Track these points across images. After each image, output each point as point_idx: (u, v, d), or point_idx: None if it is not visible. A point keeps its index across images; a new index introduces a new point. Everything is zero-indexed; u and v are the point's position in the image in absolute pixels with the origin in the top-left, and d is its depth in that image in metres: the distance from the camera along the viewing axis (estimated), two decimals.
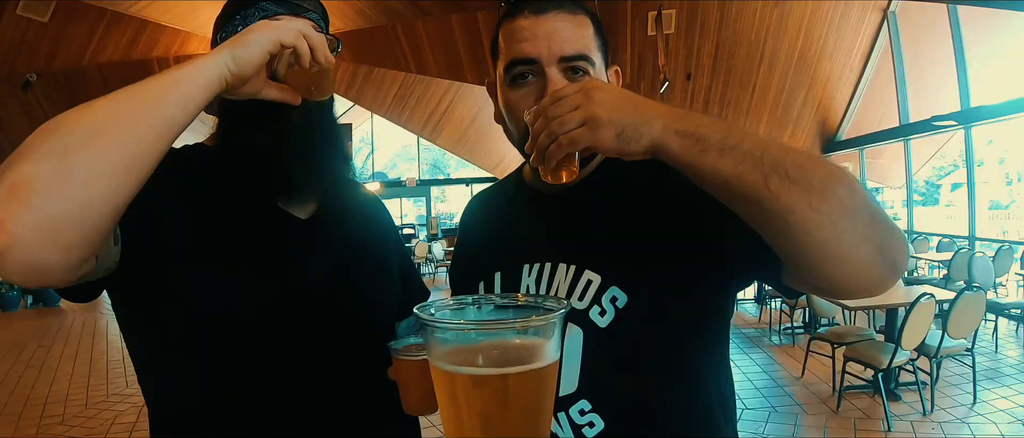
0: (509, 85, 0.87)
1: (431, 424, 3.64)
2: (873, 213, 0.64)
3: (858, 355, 4.01)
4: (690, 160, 0.65)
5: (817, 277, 0.67)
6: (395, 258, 1.09)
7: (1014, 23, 8.43)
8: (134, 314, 0.89)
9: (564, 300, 0.60)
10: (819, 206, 0.62)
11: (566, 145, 0.68)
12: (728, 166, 0.63)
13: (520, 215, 0.99)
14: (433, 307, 0.63)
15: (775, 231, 0.65)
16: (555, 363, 0.59)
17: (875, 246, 0.64)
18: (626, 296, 0.83)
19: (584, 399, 0.84)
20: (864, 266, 0.65)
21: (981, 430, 3.76)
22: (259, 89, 0.79)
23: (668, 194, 0.83)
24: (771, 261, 0.71)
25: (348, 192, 1.05)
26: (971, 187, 8.52)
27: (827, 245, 0.63)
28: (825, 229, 0.62)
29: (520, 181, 1.02)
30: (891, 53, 9.22)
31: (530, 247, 0.92)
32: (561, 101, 0.68)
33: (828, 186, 0.62)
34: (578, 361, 0.85)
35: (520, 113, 0.82)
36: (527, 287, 0.91)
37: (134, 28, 9.84)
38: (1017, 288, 7.75)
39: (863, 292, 0.69)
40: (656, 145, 0.66)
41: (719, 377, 0.90)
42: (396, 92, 13.31)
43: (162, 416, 0.92)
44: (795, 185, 0.62)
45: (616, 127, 0.66)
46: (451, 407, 0.58)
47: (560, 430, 0.85)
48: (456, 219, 19.25)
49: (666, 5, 8.47)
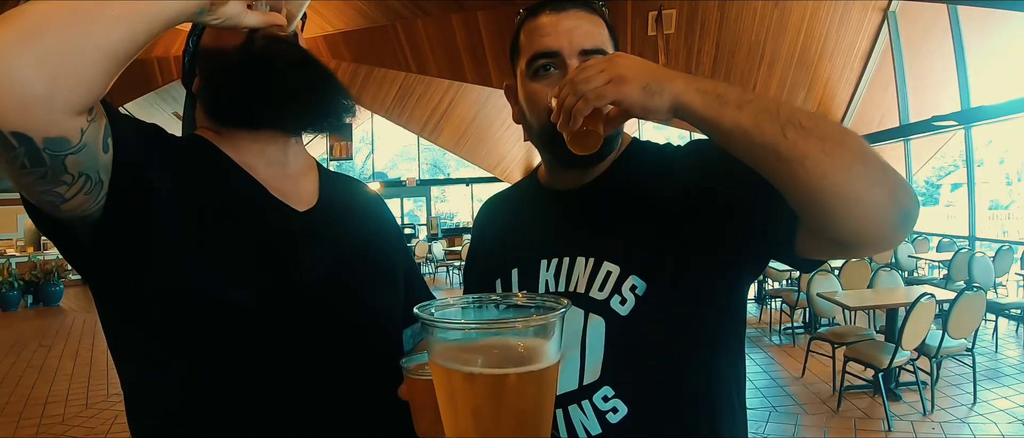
0: (531, 78, 0.91)
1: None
2: (883, 164, 0.68)
3: (858, 355, 4.02)
4: (711, 114, 0.70)
5: (832, 224, 0.69)
6: (399, 259, 1.07)
7: (1014, 23, 8.42)
8: (116, 295, 0.84)
9: (564, 299, 0.60)
10: (833, 152, 0.66)
11: (593, 99, 0.72)
12: (747, 118, 0.68)
13: (536, 213, 1.02)
14: (433, 307, 0.63)
15: (792, 178, 0.68)
16: (556, 363, 0.59)
17: (887, 191, 0.68)
18: (645, 284, 0.85)
19: (607, 386, 0.87)
20: (877, 209, 0.68)
21: (981, 430, 3.76)
22: (239, 13, 0.78)
23: (679, 186, 0.87)
24: (785, 232, 0.76)
25: (350, 188, 1.05)
26: (971, 187, 8.52)
27: (842, 188, 0.66)
28: (840, 172, 0.66)
29: (535, 182, 1.05)
30: (891, 53, 9.21)
31: (547, 243, 0.95)
32: (587, 67, 0.74)
33: (840, 136, 0.67)
34: (601, 350, 0.87)
35: (541, 103, 0.88)
36: (546, 282, 0.93)
37: None
38: (1017, 288, 7.75)
39: (877, 240, 0.71)
40: (678, 100, 0.71)
41: (735, 357, 0.93)
42: (396, 92, 13.32)
43: (144, 412, 0.87)
44: (810, 134, 0.66)
45: (641, 82, 0.71)
46: (451, 407, 0.58)
47: (585, 418, 0.87)
48: (456, 219, 19.29)
49: (666, 5, 8.47)
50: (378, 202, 1.11)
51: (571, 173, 0.97)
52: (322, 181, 1.00)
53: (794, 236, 0.77)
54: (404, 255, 1.10)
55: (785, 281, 6.98)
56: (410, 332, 1.05)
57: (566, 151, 0.79)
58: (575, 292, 0.89)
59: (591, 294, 0.88)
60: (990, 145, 19.04)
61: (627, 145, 0.98)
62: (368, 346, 0.92)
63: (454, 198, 20.47)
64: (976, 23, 8.07)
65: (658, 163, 0.95)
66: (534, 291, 0.94)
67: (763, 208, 0.77)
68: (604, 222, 0.92)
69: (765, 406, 4.29)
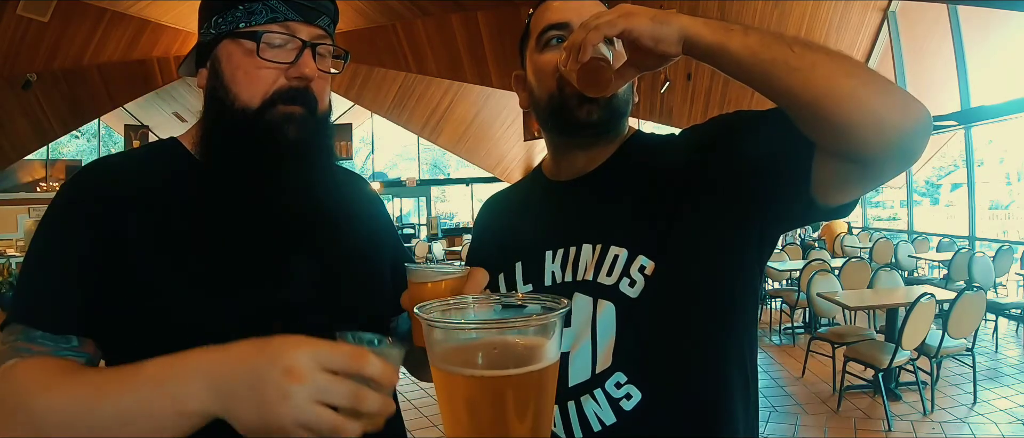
0: (540, 51, 0.93)
1: (432, 424, 3.64)
2: (888, 79, 0.70)
3: (858, 355, 4.01)
4: (719, 40, 0.72)
5: (849, 131, 0.69)
6: (387, 257, 1.00)
7: (1014, 23, 8.42)
8: (110, 336, 0.79)
9: (564, 300, 0.60)
10: (841, 60, 0.70)
11: (604, 27, 0.73)
12: (754, 40, 0.71)
13: (538, 205, 1.01)
14: (433, 307, 0.63)
15: (805, 85, 0.69)
16: (555, 363, 0.59)
17: (897, 96, 0.70)
18: (653, 263, 0.84)
19: (619, 372, 0.85)
20: (891, 111, 0.69)
21: (981, 430, 3.76)
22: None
23: (681, 162, 0.88)
24: (800, 167, 0.77)
25: (338, 193, 0.98)
26: (971, 187, 8.52)
27: (855, 91, 0.68)
28: (851, 77, 0.68)
29: (538, 176, 1.05)
30: (891, 53, 9.21)
31: (552, 234, 0.94)
32: (596, 11, 0.77)
33: (844, 53, 0.70)
34: (611, 336, 0.85)
35: (549, 72, 0.90)
36: (552, 273, 0.92)
37: (134, 28, 9.85)
38: (1017, 288, 7.75)
39: (896, 146, 0.71)
40: (686, 31, 0.72)
41: (747, 337, 0.91)
42: (396, 92, 13.31)
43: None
44: (817, 49, 0.70)
45: (649, 14, 0.73)
46: (451, 407, 0.58)
47: (598, 408, 0.85)
48: (456, 219, 19.27)
49: (666, 5, 8.46)
50: (368, 202, 1.04)
51: (575, 156, 0.96)
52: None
53: (809, 170, 0.77)
54: (393, 248, 1.03)
55: (785, 281, 6.98)
56: (404, 317, 1.01)
57: (573, 114, 0.84)
58: (583, 280, 0.88)
59: (599, 280, 0.87)
60: (990, 145, 19.03)
61: (630, 135, 0.98)
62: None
63: (454, 198, 20.46)
64: (976, 23, 8.07)
65: (660, 147, 0.95)
66: (540, 283, 0.93)
67: (773, 149, 0.78)
68: (609, 207, 0.92)
69: (765, 406, 4.28)
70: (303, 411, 0.54)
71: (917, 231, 9.77)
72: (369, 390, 0.57)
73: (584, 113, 0.88)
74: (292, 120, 0.82)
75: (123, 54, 10.12)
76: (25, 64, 9.36)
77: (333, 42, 0.88)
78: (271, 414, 0.55)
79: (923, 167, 11.96)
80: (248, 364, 0.58)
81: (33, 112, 9.97)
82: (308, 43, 0.83)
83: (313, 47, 0.83)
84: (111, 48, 9.96)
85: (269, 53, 0.81)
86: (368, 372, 0.56)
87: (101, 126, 14.46)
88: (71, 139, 15.76)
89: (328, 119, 0.89)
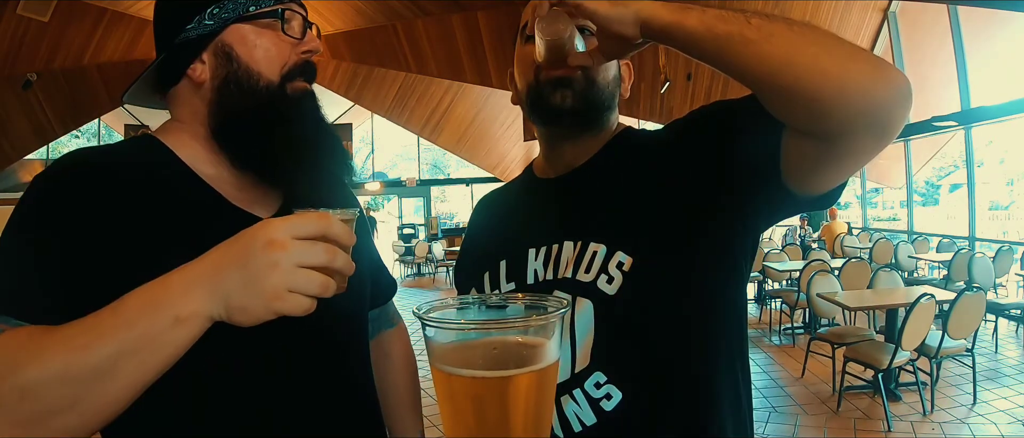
0: (523, 44, 0.94)
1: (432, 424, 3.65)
2: (856, 45, 0.66)
3: (858, 355, 4.01)
4: (676, 18, 0.70)
5: (813, 105, 0.66)
6: (366, 255, 1.00)
7: (1014, 23, 8.42)
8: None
9: (564, 299, 0.60)
10: (800, 30, 0.66)
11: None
12: (710, 16, 0.69)
13: (523, 205, 1.02)
14: (433, 307, 0.63)
15: (761, 58, 0.67)
16: (556, 363, 0.59)
17: (866, 61, 0.65)
18: (631, 258, 0.83)
19: (598, 371, 0.83)
20: (858, 77, 0.64)
21: (981, 430, 3.76)
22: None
23: (659, 158, 0.88)
24: (764, 163, 0.76)
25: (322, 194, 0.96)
26: (971, 187, 8.52)
27: (816, 60, 0.65)
28: (812, 45, 0.65)
29: (529, 175, 1.05)
30: (891, 53, 9.21)
31: (534, 232, 0.94)
32: None
33: (810, 24, 0.67)
34: (590, 335, 0.84)
35: (529, 62, 0.90)
36: (534, 271, 0.92)
37: (134, 28, 9.85)
38: (1017, 288, 7.75)
39: (866, 116, 0.65)
40: (642, 12, 0.72)
41: (739, 341, 0.89)
42: (396, 92, 13.31)
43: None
44: (777, 21, 0.67)
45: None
46: (450, 407, 0.58)
47: (578, 408, 0.84)
48: (456, 219, 19.27)
49: None
50: (343, 186, 1.02)
51: (562, 149, 0.95)
52: None
53: (777, 154, 0.75)
54: (368, 246, 1.02)
55: (785, 281, 6.98)
56: (374, 314, 1.06)
57: (548, 100, 0.86)
58: (563, 277, 0.87)
59: (578, 277, 0.86)
60: (990, 145, 19.03)
61: (619, 131, 0.97)
62: (331, 368, 0.86)
63: (454, 198, 20.47)
64: (976, 23, 8.07)
65: (645, 145, 0.95)
66: (522, 281, 0.93)
67: (743, 135, 0.78)
68: (591, 204, 0.91)
69: (765, 406, 4.29)
70: (292, 275, 0.58)
71: (917, 231, 9.78)
72: (339, 249, 0.61)
73: (558, 98, 0.88)
74: (308, 95, 0.86)
75: (123, 54, 10.11)
76: (25, 64, 9.36)
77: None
78: (263, 285, 0.58)
79: (923, 168, 11.96)
80: (231, 253, 0.61)
81: (33, 112, 9.97)
82: (309, 22, 0.88)
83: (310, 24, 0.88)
84: (111, 48, 9.96)
85: (289, 29, 0.85)
86: (333, 231, 0.61)
87: (101, 126, 14.46)
88: (71, 139, 15.78)
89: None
